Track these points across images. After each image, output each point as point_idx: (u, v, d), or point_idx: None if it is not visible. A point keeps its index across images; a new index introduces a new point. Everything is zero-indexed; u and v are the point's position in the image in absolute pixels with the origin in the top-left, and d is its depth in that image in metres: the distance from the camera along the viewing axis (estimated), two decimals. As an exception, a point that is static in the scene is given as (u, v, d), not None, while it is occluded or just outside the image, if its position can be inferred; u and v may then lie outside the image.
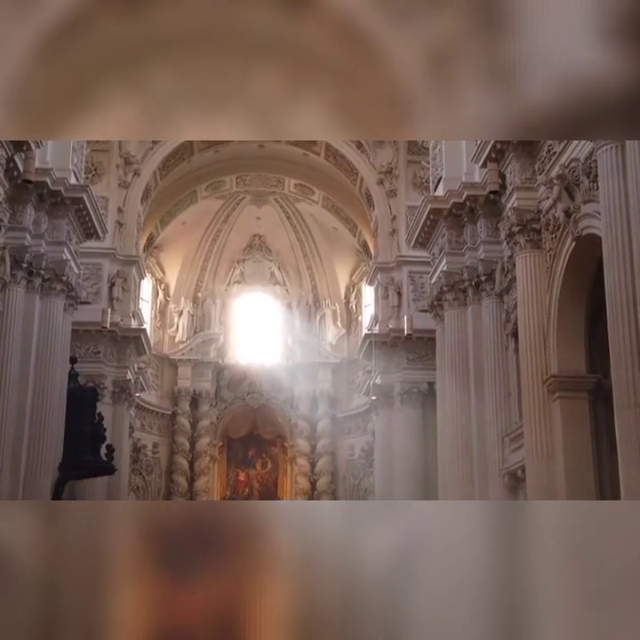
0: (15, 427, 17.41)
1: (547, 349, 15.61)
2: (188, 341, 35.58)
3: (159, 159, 28.60)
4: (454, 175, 20.15)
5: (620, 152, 12.31)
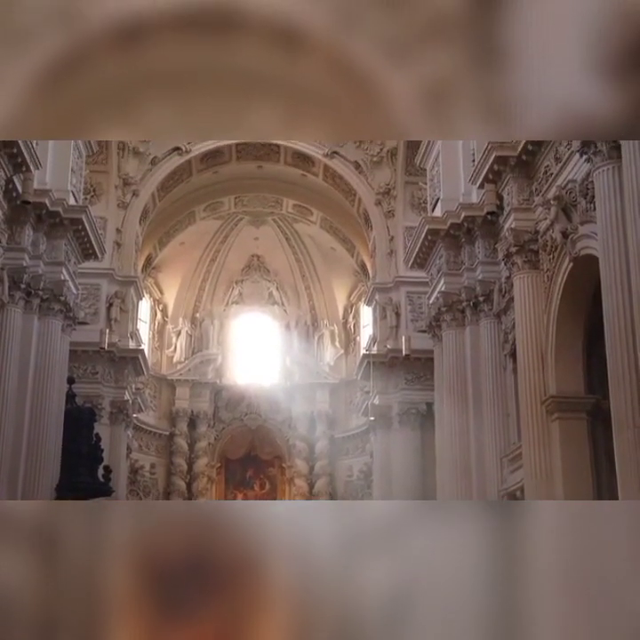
0: (12, 447, 17.35)
1: (545, 370, 15.59)
2: (186, 362, 35.53)
3: (158, 180, 28.70)
4: (452, 196, 20.22)
5: (617, 173, 12.36)
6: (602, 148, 12.56)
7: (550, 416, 15.27)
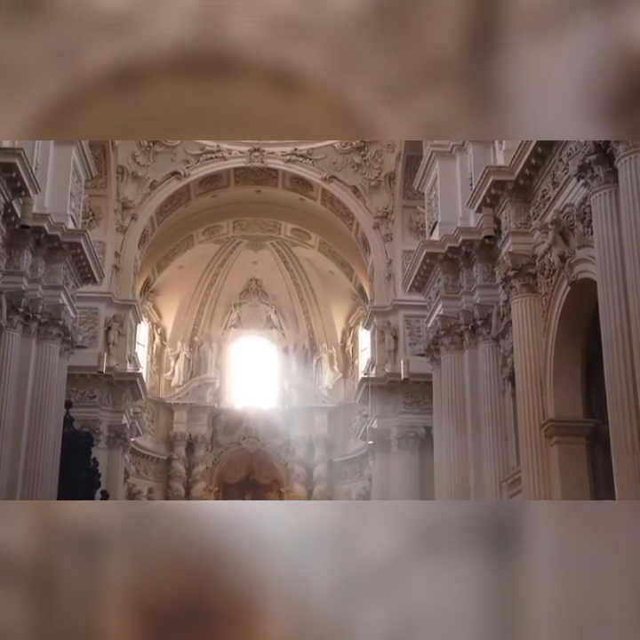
0: (9, 471, 17.27)
1: (544, 394, 15.57)
2: (184, 385, 35.47)
3: (157, 204, 28.80)
4: (450, 220, 20.28)
5: (614, 197, 12.41)
6: (599, 172, 12.62)
7: (549, 440, 15.23)
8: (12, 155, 16.82)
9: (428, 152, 21.99)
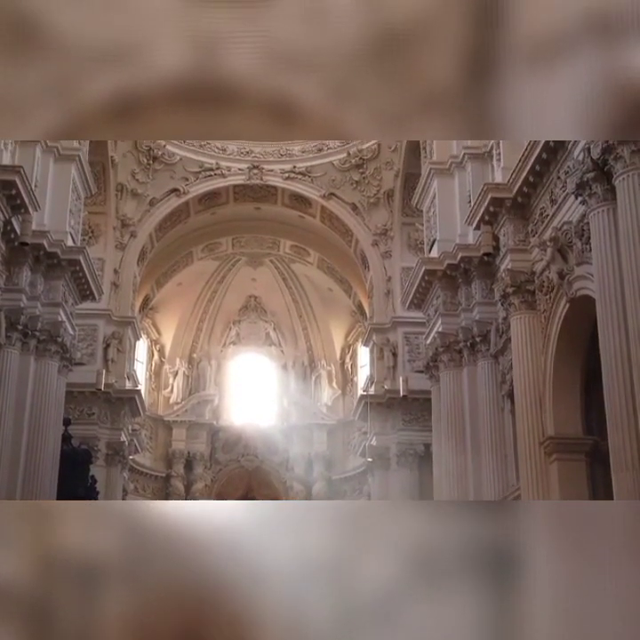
0: (7, 488, 17.21)
1: (543, 411, 15.55)
2: (183, 402, 35.42)
3: (156, 221, 28.85)
4: (448, 237, 20.31)
5: (612, 215, 12.44)
6: (596, 190, 12.66)
7: (549, 457, 15.19)
8: (12, 172, 16.87)
9: (426, 169, 22.06)
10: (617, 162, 12.05)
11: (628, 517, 4.65)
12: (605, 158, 12.29)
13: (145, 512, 4.60)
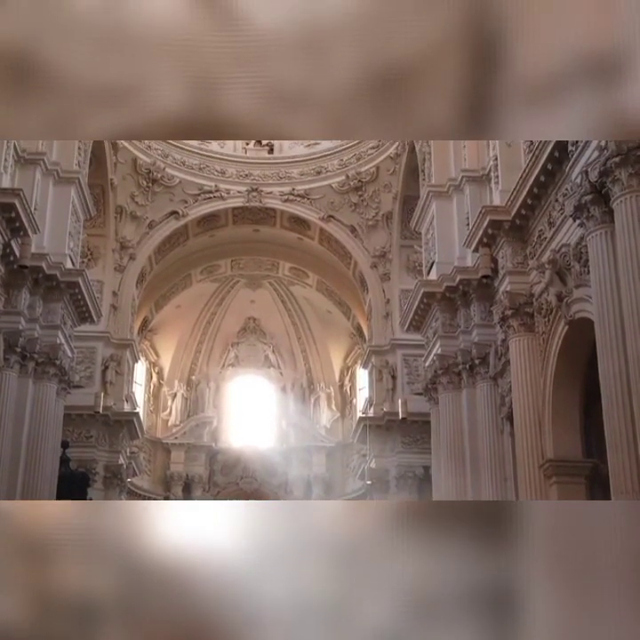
0: (4, 513, 17.10)
1: (542, 433, 15.50)
2: (182, 425, 35.33)
3: (155, 244, 28.90)
4: (447, 259, 20.35)
5: (610, 237, 12.47)
6: (594, 212, 12.70)
7: (548, 480, 15.14)
8: (12, 195, 16.93)
9: (424, 192, 22.14)
10: (614, 184, 12.09)
11: (628, 517, 4.64)
12: (603, 181, 12.33)
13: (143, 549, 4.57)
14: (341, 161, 28.96)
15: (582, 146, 12.97)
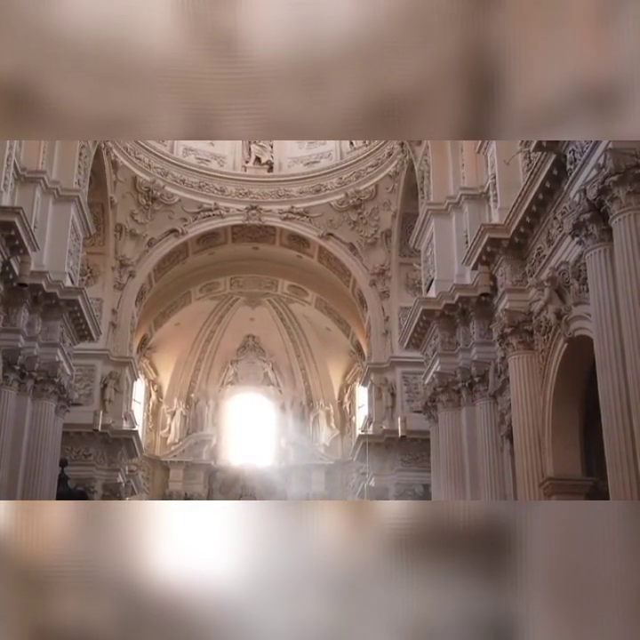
0: (2, 532, 17.03)
1: (542, 451, 15.46)
2: (181, 443, 35.23)
3: (154, 261, 28.93)
4: (446, 277, 20.38)
5: (609, 255, 12.47)
6: (593, 230, 12.72)
7: (548, 498, 15.08)
8: (12, 213, 16.96)
9: (423, 210, 22.20)
10: (613, 203, 12.12)
11: (626, 517, 4.63)
12: (601, 199, 12.36)
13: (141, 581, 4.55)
14: (340, 179, 29.04)
15: (580, 164, 13.01)
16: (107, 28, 4.14)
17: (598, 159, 12.33)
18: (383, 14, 4.15)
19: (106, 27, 4.13)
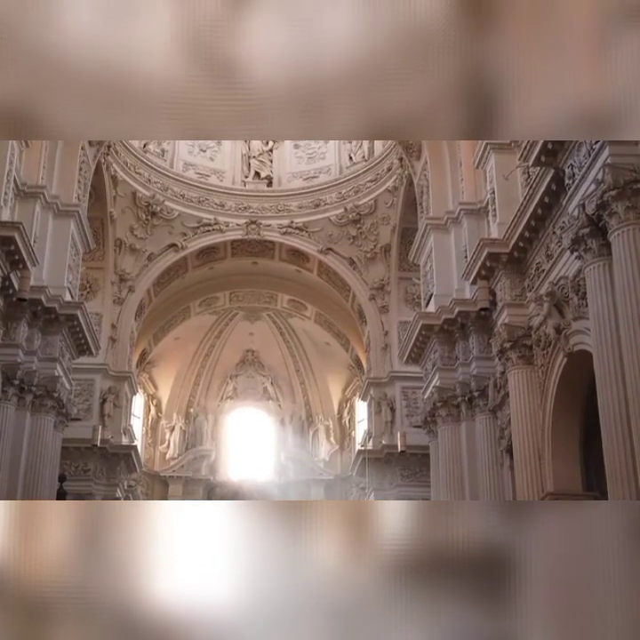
0: (0, 548, 16.97)
1: (542, 466, 15.43)
2: (180, 458, 35.15)
3: (154, 276, 28.95)
4: (445, 291, 20.39)
5: (608, 270, 12.49)
6: (592, 245, 12.74)
7: (549, 513, 15.02)
8: (12, 228, 16.98)
9: (422, 225, 22.24)
10: (611, 217, 12.15)
11: (623, 516, 4.62)
12: (600, 214, 12.39)
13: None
14: (340, 194, 29.11)
15: (579, 179, 13.05)
16: (107, 55, 4.16)
17: (597, 174, 12.37)
18: (383, 42, 4.18)
19: (107, 54, 4.16)
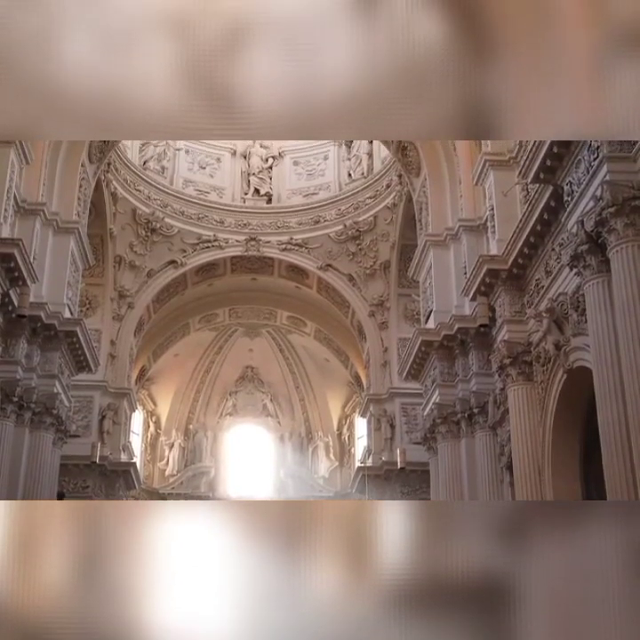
0: (-2, 566, 16.88)
1: (542, 483, 15.39)
2: (179, 474, 35.04)
3: (153, 292, 28.97)
4: (445, 308, 20.40)
5: (607, 286, 12.50)
6: (591, 261, 12.76)
7: (549, 530, 14.96)
8: (11, 245, 16.99)
9: (422, 241, 22.28)
10: (610, 234, 12.17)
11: (621, 516, 4.62)
12: (599, 231, 12.41)
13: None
14: (339, 210, 29.18)
15: (578, 196, 13.08)
16: (106, 86, 4.19)
17: (595, 191, 12.40)
18: (382, 72, 4.21)
19: (106, 84, 4.18)
